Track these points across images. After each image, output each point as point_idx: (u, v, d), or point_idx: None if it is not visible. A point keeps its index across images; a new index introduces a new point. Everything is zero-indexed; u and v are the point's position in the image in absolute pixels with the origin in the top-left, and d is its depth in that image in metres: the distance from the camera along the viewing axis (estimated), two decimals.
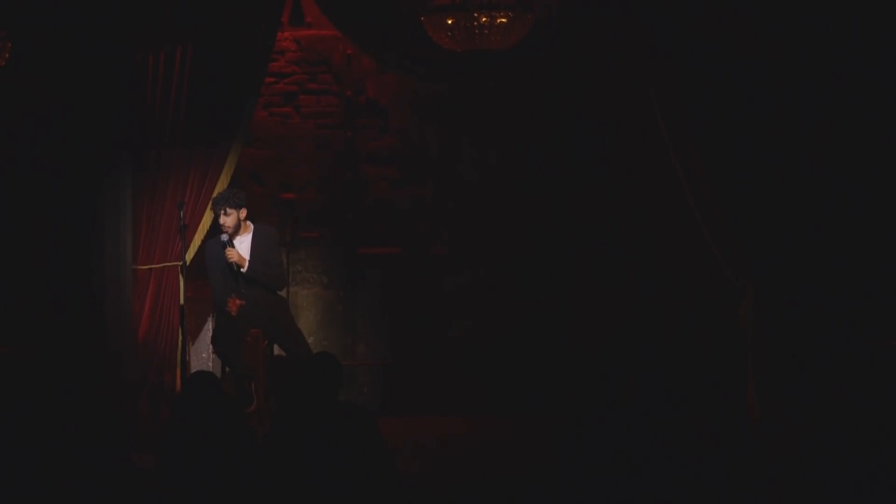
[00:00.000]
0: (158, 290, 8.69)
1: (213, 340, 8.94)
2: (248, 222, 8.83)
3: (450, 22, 7.52)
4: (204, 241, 8.81)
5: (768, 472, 7.55)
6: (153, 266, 8.69)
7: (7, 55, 8.00)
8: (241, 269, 8.69)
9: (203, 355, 9.50)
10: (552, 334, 9.90)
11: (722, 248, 8.57)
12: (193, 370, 8.66)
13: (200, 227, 8.74)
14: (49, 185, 8.46)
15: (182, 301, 8.61)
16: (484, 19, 7.47)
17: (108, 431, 7.77)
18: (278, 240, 9.15)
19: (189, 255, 8.70)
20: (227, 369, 8.94)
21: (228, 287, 8.79)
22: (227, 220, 8.66)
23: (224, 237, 8.67)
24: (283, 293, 9.27)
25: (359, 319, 10.15)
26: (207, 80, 8.58)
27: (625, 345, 9.63)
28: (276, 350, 9.10)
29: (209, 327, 9.45)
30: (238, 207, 8.68)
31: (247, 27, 8.61)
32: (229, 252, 8.68)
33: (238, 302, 8.65)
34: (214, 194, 8.69)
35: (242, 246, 8.80)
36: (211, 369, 9.10)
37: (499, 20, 7.49)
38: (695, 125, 8.47)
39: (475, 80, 9.03)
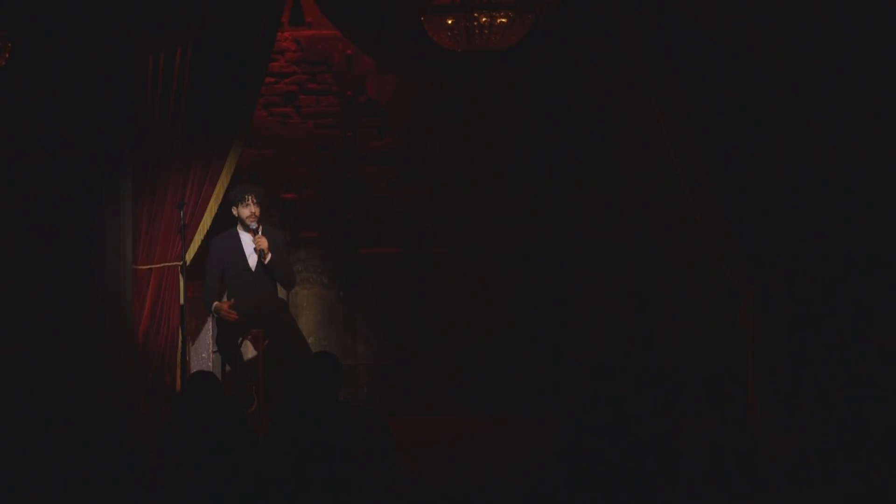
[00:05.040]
0: (158, 289, 8.69)
1: (217, 341, 8.96)
2: None
3: (450, 22, 7.51)
4: (205, 241, 8.81)
5: (768, 473, 7.55)
6: (153, 266, 8.69)
7: (7, 55, 7.99)
8: (265, 260, 8.78)
9: (203, 355, 9.50)
10: (552, 334, 9.90)
11: (722, 248, 8.57)
12: (193, 370, 8.67)
13: (200, 227, 8.74)
14: (49, 185, 8.46)
15: (182, 301, 8.61)
16: (484, 19, 7.46)
17: (113, 432, 7.77)
18: (285, 241, 9.22)
19: (189, 255, 8.70)
20: (228, 369, 8.94)
21: (234, 285, 8.83)
22: (257, 210, 8.91)
23: (253, 225, 8.87)
24: (282, 294, 9.29)
25: (359, 319, 10.16)
26: (207, 81, 8.57)
27: (624, 345, 9.63)
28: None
29: (209, 327, 9.45)
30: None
31: (247, 27, 8.60)
32: (259, 239, 8.79)
33: (228, 307, 8.73)
34: (226, 192, 8.73)
35: (253, 244, 8.91)
36: (211, 369, 9.10)
37: (499, 20, 7.48)
38: (695, 125, 8.47)
39: (476, 79, 9.03)
